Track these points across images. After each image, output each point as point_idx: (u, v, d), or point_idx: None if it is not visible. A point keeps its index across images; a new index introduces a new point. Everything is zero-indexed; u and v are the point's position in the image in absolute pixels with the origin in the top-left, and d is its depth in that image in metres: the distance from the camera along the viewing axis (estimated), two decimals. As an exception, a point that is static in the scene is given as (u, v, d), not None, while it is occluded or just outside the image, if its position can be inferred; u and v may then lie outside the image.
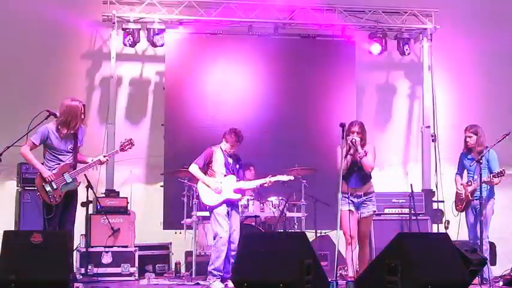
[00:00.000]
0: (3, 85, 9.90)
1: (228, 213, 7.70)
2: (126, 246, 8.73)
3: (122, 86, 10.09)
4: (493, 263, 8.59)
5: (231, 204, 7.77)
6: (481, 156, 7.69)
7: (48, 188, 7.10)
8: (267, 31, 10.45)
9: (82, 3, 10.04)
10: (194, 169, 7.77)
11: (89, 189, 7.99)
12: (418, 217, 8.94)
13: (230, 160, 7.83)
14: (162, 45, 10.09)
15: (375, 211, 7.59)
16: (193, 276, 8.35)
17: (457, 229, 8.28)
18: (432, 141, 10.32)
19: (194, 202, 8.51)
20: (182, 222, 8.87)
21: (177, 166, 8.96)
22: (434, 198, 9.89)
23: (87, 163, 7.40)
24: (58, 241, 6.51)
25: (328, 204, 8.72)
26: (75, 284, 7.12)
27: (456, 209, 8.22)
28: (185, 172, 8.42)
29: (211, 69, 10.27)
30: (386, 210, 9.11)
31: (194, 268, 8.45)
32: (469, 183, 8.00)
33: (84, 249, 8.42)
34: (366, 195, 7.45)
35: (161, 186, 10.01)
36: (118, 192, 9.36)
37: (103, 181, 9.69)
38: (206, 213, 8.05)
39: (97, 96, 10.18)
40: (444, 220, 9.53)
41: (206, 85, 10.29)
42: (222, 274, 7.60)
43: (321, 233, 9.43)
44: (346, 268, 7.68)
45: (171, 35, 10.12)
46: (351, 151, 7.36)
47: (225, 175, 7.76)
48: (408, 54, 10.49)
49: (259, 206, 8.74)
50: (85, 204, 7.86)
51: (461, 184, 8.13)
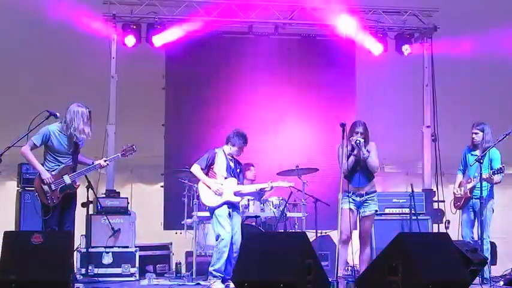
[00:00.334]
0: (3, 85, 9.90)
1: (230, 214, 7.69)
2: (126, 246, 8.72)
3: (122, 86, 10.09)
4: (494, 263, 8.60)
5: (232, 205, 7.76)
6: (482, 155, 7.68)
7: (46, 189, 7.10)
8: (267, 31, 10.45)
9: (82, 3, 10.03)
10: (196, 170, 7.75)
11: (90, 189, 7.99)
12: (419, 217, 8.93)
13: (231, 164, 7.83)
14: (162, 45, 10.09)
15: (377, 210, 7.59)
16: (193, 276, 8.34)
17: (458, 229, 8.27)
18: (432, 141, 10.32)
19: (194, 202, 8.51)
20: (182, 222, 8.87)
21: (178, 166, 8.96)
22: (434, 198, 9.89)
23: (87, 164, 7.40)
24: (58, 241, 6.52)
25: (328, 204, 8.73)
26: (75, 285, 7.11)
27: (454, 207, 8.22)
28: (185, 172, 8.42)
29: (211, 69, 10.27)
30: (386, 210, 9.09)
31: (195, 268, 8.44)
32: (469, 180, 8.00)
33: (84, 249, 8.42)
34: (368, 194, 7.46)
35: (161, 186, 10.01)
36: (118, 192, 9.35)
37: (103, 181, 9.69)
38: (206, 213, 8.05)
39: (97, 96, 10.17)
40: (444, 220, 9.52)
41: (206, 85, 10.29)
42: (223, 276, 7.59)
43: (322, 233, 9.43)
44: (347, 268, 7.67)
45: (171, 35, 10.11)
46: (355, 151, 7.36)
47: (226, 178, 7.76)
48: (408, 54, 10.48)
49: (259, 206, 8.74)
50: (85, 204, 7.86)
51: (459, 186, 8.13)
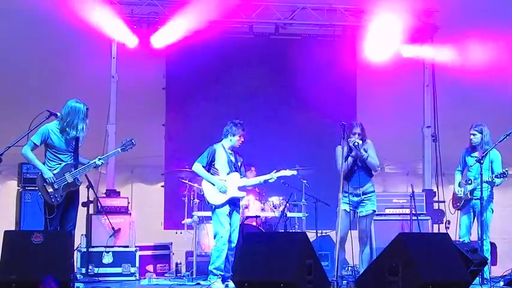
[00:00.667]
0: (3, 85, 9.89)
1: (230, 212, 7.70)
2: (126, 246, 8.73)
3: (123, 86, 10.09)
4: (494, 263, 8.59)
5: (234, 203, 7.75)
6: (483, 156, 7.68)
7: (49, 189, 7.09)
8: (268, 31, 10.44)
9: (83, 3, 10.02)
10: (198, 168, 7.71)
11: (90, 189, 8.01)
12: (419, 217, 8.94)
13: (232, 158, 7.82)
14: (163, 45, 10.08)
15: (375, 210, 7.57)
16: (193, 276, 8.35)
17: (456, 230, 8.27)
18: (433, 141, 10.32)
19: (195, 202, 8.51)
20: (183, 222, 8.88)
21: (178, 166, 8.96)
22: (435, 198, 9.89)
23: (84, 164, 7.40)
24: (59, 241, 6.52)
25: (328, 204, 8.73)
26: (76, 284, 7.12)
27: (453, 207, 8.22)
28: (186, 172, 8.42)
29: (211, 69, 10.27)
30: (387, 210, 9.10)
31: (195, 268, 8.45)
32: (469, 181, 7.99)
33: (84, 249, 8.43)
34: (366, 194, 7.45)
35: (162, 186, 10.01)
36: (119, 192, 9.36)
37: (104, 181, 9.69)
38: (206, 213, 8.04)
39: (97, 96, 10.16)
40: (445, 220, 9.52)
41: (206, 85, 10.29)
42: (223, 273, 7.59)
43: (322, 233, 9.43)
44: (347, 268, 7.67)
45: (172, 35, 10.10)
46: (353, 153, 7.36)
47: (228, 173, 7.74)
48: (409, 54, 10.48)
49: (260, 206, 8.73)
50: (86, 204, 7.86)
51: (459, 186, 8.14)
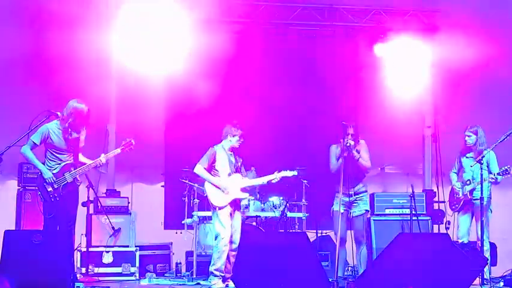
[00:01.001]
0: (3, 85, 9.89)
1: (231, 213, 7.69)
2: (126, 246, 8.73)
3: (123, 86, 10.08)
4: (494, 264, 8.59)
5: (235, 204, 7.75)
6: (482, 156, 7.67)
7: (49, 188, 7.10)
8: (268, 31, 10.43)
9: (83, 3, 10.03)
10: (200, 170, 7.71)
11: (90, 189, 8.01)
12: (419, 217, 8.93)
13: (232, 159, 7.82)
14: (163, 45, 10.07)
15: (368, 210, 7.62)
16: (194, 276, 8.35)
17: (455, 230, 8.27)
18: (433, 141, 10.31)
19: (195, 202, 8.50)
20: (183, 222, 8.88)
21: (178, 166, 8.95)
22: (435, 198, 9.88)
23: (85, 164, 7.41)
24: (59, 241, 6.52)
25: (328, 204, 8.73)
26: (75, 284, 7.12)
27: (451, 209, 8.22)
28: (186, 172, 8.42)
29: (211, 69, 10.26)
30: (387, 210, 9.09)
31: (195, 268, 8.45)
32: (468, 182, 7.99)
33: (85, 249, 8.43)
34: (357, 194, 7.49)
35: (162, 186, 10.00)
36: (119, 192, 9.37)
37: (104, 181, 9.69)
38: (207, 213, 8.04)
39: (97, 96, 10.15)
40: (445, 220, 9.52)
41: (206, 85, 10.27)
42: (224, 274, 7.59)
43: (322, 233, 9.42)
44: (348, 268, 7.68)
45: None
46: (345, 153, 7.38)
47: (229, 173, 7.74)
48: (409, 54, 10.47)
49: (260, 206, 8.73)
50: (86, 204, 7.86)
51: (458, 186, 8.13)
